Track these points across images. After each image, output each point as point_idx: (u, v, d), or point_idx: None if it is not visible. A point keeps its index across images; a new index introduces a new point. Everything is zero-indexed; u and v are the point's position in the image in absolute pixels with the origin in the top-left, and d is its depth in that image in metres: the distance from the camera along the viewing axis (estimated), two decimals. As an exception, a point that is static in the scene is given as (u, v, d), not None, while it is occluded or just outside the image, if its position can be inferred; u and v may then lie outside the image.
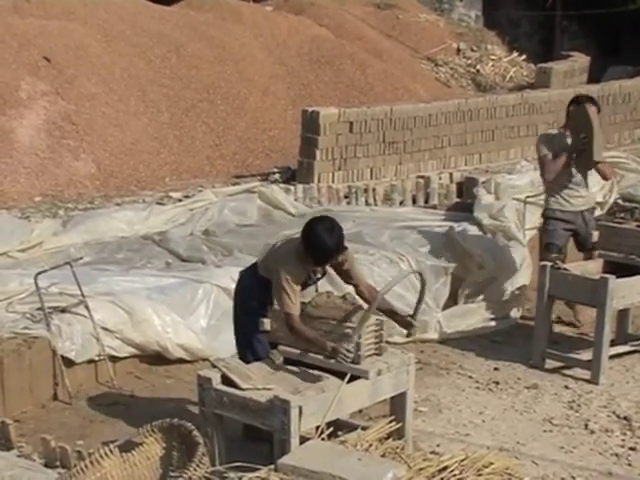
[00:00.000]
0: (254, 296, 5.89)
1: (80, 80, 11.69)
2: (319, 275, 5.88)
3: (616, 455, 6.30)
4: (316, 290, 5.99)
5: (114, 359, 7.04)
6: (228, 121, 12.47)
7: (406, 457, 4.78)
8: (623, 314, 8.18)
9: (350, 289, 6.00)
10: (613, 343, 7.86)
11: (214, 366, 5.47)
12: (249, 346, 5.93)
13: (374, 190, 10.45)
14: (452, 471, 4.65)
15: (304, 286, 5.82)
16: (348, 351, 5.45)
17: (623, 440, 6.50)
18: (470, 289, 8.65)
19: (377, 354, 5.61)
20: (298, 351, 5.67)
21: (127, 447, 4.82)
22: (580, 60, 16.45)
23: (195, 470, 4.54)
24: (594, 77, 16.27)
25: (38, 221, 9.12)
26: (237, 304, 6.09)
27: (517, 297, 8.65)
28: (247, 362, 5.79)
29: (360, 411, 6.15)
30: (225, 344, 6.85)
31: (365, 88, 13.97)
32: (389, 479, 4.37)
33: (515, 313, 8.63)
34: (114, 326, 7.03)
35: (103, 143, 11.23)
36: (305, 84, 13.78)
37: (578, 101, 8.18)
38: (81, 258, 7.87)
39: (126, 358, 7.15)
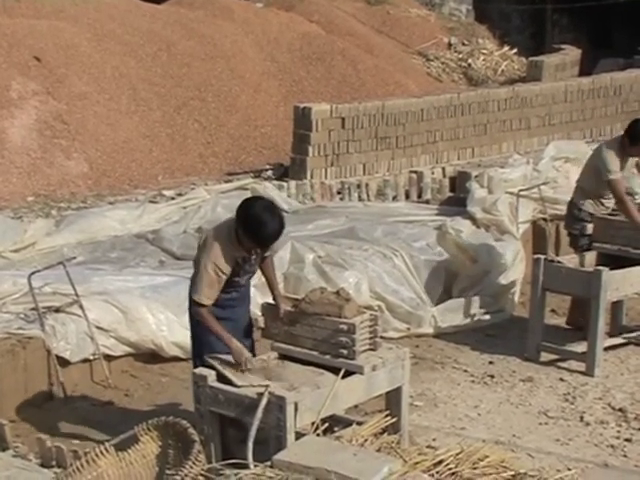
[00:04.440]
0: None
1: (71, 79, 11.67)
2: (253, 257, 5.60)
3: (612, 446, 6.31)
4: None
5: (109, 358, 7.03)
6: (220, 118, 12.46)
7: (402, 451, 4.77)
8: (617, 306, 8.19)
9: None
10: (607, 335, 7.87)
11: (210, 365, 5.45)
12: (203, 360, 5.61)
13: (367, 185, 10.46)
14: (448, 465, 4.65)
15: (237, 275, 5.60)
16: (247, 360, 5.40)
17: (618, 432, 6.51)
18: (464, 283, 8.66)
19: (372, 349, 5.61)
20: (292, 347, 5.67)
21: (123, 446, 4.81)
22: (571, 53, 16.47)
23: (191, 468, 4.54)
24: (585, 70, 16.29)
25: (31, 221, 9.11)
26: (190, 311, 5.75)
27: (511, 290, 8.65)
28: None
29: (355, 406, 6.15)
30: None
31: (357, 84, 13.97)
32: (385, 474, 4.36)
33: (509, 307, 8.64)
34: (108, 325, 7.02)
35: (95, 142, 11.21)
36: (296, 80, 13.77)
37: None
38: (74, 258, 7.86)
39: (121, 357, 7.15)
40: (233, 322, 5.69)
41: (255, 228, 5.40)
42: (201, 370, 5.45)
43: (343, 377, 5.39)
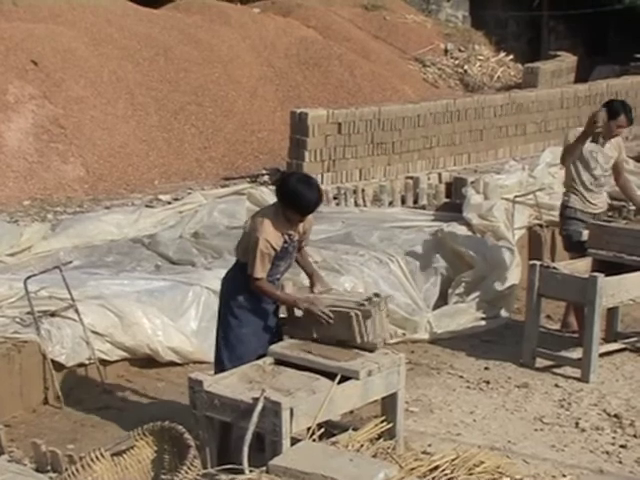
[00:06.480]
0: (240, 288, 5.77)
1: (68, 83, 11.68)
2: (295, 239, 5.83)
3: (607, 453, 6.31)
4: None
5: (104, 363, 7.02)
6: (217, 123, 12.47)
7: (397, 457, 4.78)
8: (612, 312, 8.19)
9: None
10: (603, 341, 7.88)
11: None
12: (227, 346, 5.79)
13: (363, 191, 10.47)
14: (443, 470, 4.66)
15: (283, 254, 5.78)
16: (323, 312, 5.64)
17: (614, 438, 6.51)
18: (460, 289, 8.66)
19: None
20: (290, 353, 5.67)
21: (118, 450, 4.81)
22: (567, 60, 16.51)
23: (187, 473, 4.54)
24: (581, 76, 16.33)
25: (27, 225, 9.11)
26: (222, 301, 5.96)
27: (507, 296, 8.66)
28: (221, 368, 5.71)
29: (351, 412, 6.15)
30: (216, 346, 6.84)
31: (353, 89, 13.99)
32: (380, 479, 4.37)
33: (505, 312, 8.65)
34: (104, 329, 7.01)
35: (92, 146, 11.22)
36: (293, 86, 13.79)
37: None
38: (71, 262, 7.86)
39: (116, 361, 7.14)
40: (266, 316, 5.84)
41: (294, 200, 5.66)
42: (197, 375, 5.45)
43: (339, 382, 5.40)
